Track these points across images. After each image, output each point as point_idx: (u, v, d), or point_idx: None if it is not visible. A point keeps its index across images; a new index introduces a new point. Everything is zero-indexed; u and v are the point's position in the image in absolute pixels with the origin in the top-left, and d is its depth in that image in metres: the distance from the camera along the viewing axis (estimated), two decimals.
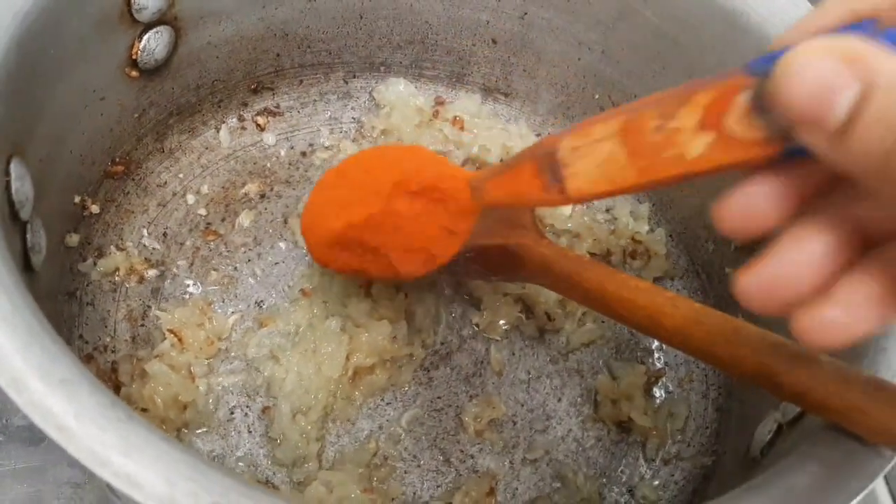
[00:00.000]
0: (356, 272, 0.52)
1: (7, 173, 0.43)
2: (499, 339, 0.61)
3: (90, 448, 0.31)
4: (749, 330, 0.42)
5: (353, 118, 0.70)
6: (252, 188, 0.64)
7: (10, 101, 0.43)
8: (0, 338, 0.32)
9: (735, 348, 0.41)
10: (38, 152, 0.48)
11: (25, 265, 0.45)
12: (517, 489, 0.56)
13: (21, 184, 0.44)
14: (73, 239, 0.56)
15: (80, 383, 0.32)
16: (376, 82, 0.70)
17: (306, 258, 0.62)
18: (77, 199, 0.56)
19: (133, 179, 0.61)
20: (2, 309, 0.33)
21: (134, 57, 0.56)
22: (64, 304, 0.55)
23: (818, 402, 0.38)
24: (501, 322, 0.62)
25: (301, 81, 0.69)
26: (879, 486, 0.58)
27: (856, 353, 0.43)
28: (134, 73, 0.57)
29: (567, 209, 0.68)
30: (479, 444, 0.57)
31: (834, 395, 0.38)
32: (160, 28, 0.56)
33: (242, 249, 0.62)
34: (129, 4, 0.53)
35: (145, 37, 0.56)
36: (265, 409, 0.55)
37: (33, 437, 0.61)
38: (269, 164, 0.66)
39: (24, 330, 0.33)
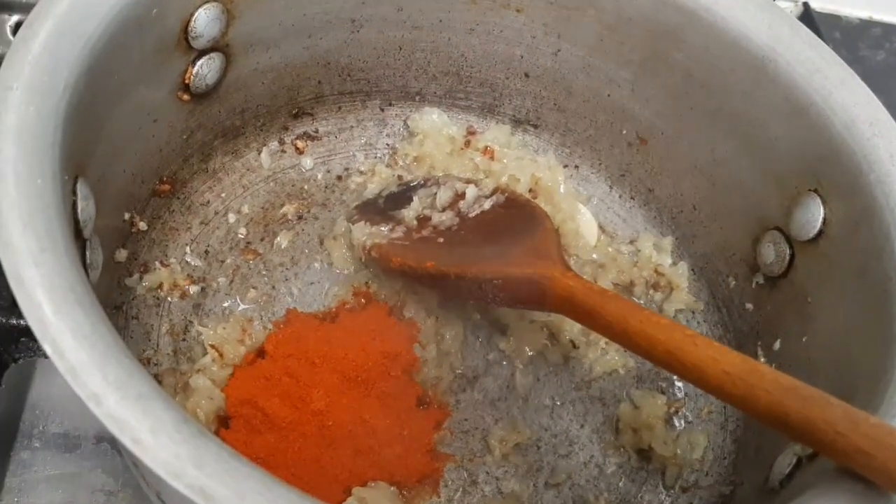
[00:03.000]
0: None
1: (74, 193, 0.45)
2: (524, 364, 0.63)
3: (165, 460, 0.33)
4: (764, 371, 0.44)
5: (387, 144, 0.72)
6: (290, 209, 0.67)
7: (79, 123, 0.45)
8: (81, 354, 0.34)
9: (750, 388, 0.43)
10: (97, 171, 0.50)
11: None
12: None
13: (86, 203, 0.46)
14: (122, 254, 0.58)
15: (155, 399, 0.34)
16: (411, 111, 0.73)
17: (340, 279, 0.64)
18: (126, 217, 0.58)
19: (178, 198, 0.63)
20: (82, 327, 0.35)
21: (187, 81, 0.58)
22: (111, 317, 0.56)
23: (826, 443, 0.40)
24: (527, 348, 0.64)
25: (339, 108, 0.71)
26: None
27: (872, 393, 0.45)
28: (185, 97, 0.59)
29: (593, 240, 0.70)
30: (504, 466, 0.59)
31: (841, 437, 0.39)
32: (213, 55, 0.59)
33: (280, 269, 0.64)
34: (186, 32, 0.55)
35: (198, 63, 0.58)
36: None
37: (68, 444, 0.63)
38: (306, 187, 0.68)
39: (102, 347, 0.35)
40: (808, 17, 1.01)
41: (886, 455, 0.38)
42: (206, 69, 0.59)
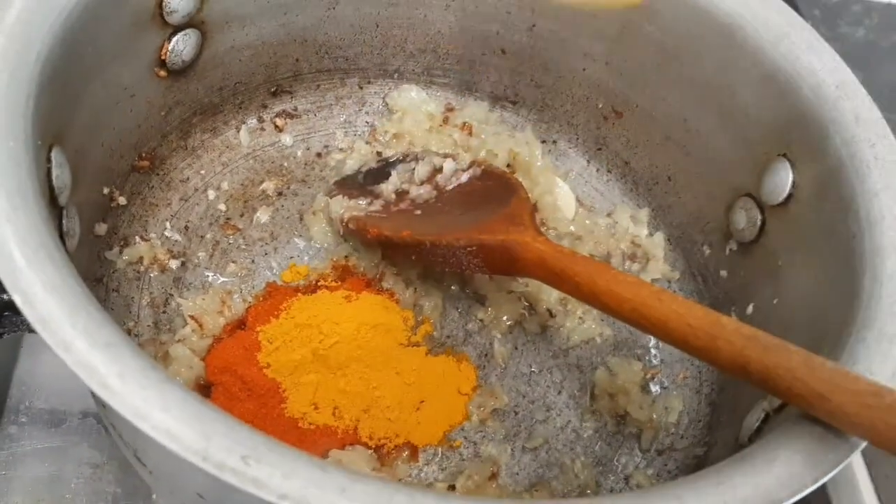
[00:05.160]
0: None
1: (49, 160, 0.46)
2: (502, 334, 0.64)
3: (132, 404, 0.33)
4: (725, 322, 0.45)
5: (366, 122, 0.73)
6: (270, 186, 0.67)
7: (54, 92, 0.46)
8: (51, 305, 0.35)
9: (712, 339, 0.44)
10: (74, 143, 0.51)
11: None
12: (518, 474, 0.58)
13: (61, 171, 0.47)
14: (102, 228, 0.58)
15: (123, 347, 0.35)
16: (389, 88, 0.74)
17: (319, 253, 0.65)
18: (106, 191, 0.59)
19: (157, 174, 0.64)
20: (52, 279, 0.36)
21: (163, 57, 0.59)
22: (91, 289, 0.56)
23: (786, 389, 0.41)
24: (505, 318, 0.65)
25: (318, 86, 0.72)
26: (857, 461, 0.60)
27: (836, 345, 0.46)
28: (162, 73, 0.60)
29: (570, 213, 0.71)
30: (482, 431, 0.60)
31: (800, 382, 0.40)
32: (188, 31, 0.60)
33: (260, 244, 0.65)
34: (160, 7, 0.56)
35: (174, 38, 0.59)
36: None
37: (54, 419, 0.64)
38: (286, 164, 0.69)
39: (72, 299, 0.36)
40: None
41: (843, 398, 0.39)
42: (181, 45, 0.60)
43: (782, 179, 0.58)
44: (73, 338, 0.35)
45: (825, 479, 0.38)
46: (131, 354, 0.35)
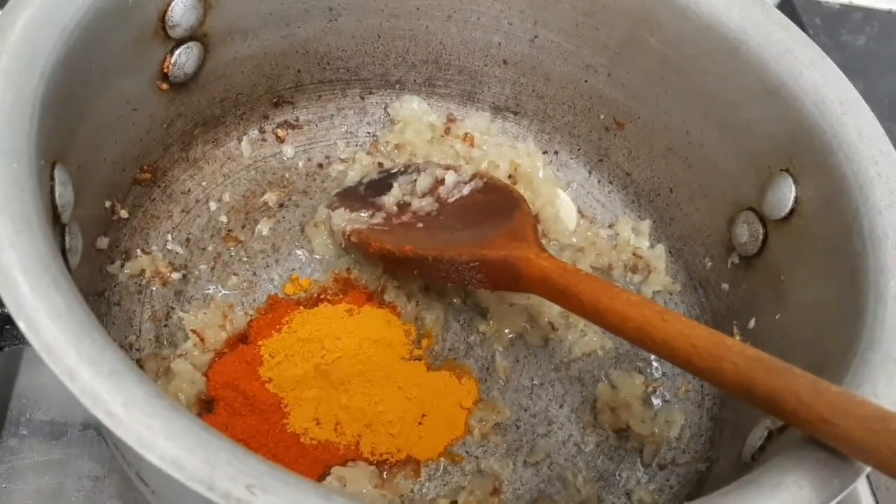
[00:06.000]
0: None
1: (52, 178, 0.46)
2: (504, 347, 0.64)
3: (137, 432, 0.33)
4: (730, 343, 0.45)
5: (368, 132, 0.73)
6: (271, 197, 0.67)
7: (57, 110, 0.46)
8: (56, 332, 0.35)
9: (717, 360, 0.44)
10: (77, 159, 0.51)
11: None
12: (519, 490, 0.58)
13: (64, 189, 0.47)
14: (103, 242, 0.58)
15: (128, 374, 0.35)
16: (391, 99, 0.74)
17: (321, 265, 0.65)
18: (108, 204, 0.59)
19: (159, 186, 0.64)
20: (57, 306, 0.36)
21: (165, 71, 0.59)
22: (93, 303, 0.57)
23: (791, 413, 0.41)
24: (507, 331, 0.65)
25: (320, 96, 0.72)
26: (862, 485, 0.61)
27: (840, 365, 0.46)
28: (164, 86, 0.60)
29: (572, 224, 0.71)
30: (483, 446, 0.60)
31: (805, 406, 0.40)
32: (191, 44, 0.60)
33: (261, 256, 0.65)
34: (163, 21, 0.56)
35: (177, 52, 0.59)
36: None
37: (55, 431, 0.64)
38: (287, 175, 0.69)
39: (76, 325, 0.36)
40: (789, 4, 1.02)
41: (849, 423, 0.39)
42: (184, 58, 0.60)
43: (785, 194, 0.58)
44: (77, 365, 0.34)
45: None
46: (136, 382, 0.35)
